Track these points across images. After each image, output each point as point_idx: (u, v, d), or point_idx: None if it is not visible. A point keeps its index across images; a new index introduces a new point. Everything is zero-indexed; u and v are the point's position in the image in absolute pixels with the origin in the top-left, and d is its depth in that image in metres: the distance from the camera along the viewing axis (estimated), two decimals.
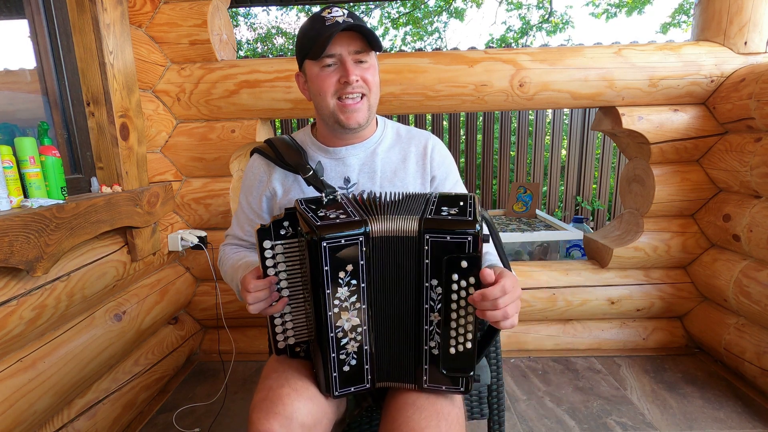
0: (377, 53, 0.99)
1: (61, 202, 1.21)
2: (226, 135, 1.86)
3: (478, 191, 4.62)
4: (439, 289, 0.76)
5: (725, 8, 1.76)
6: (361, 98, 0.96)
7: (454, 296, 0.76)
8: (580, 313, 2.05)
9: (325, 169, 1.04)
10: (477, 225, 0.72)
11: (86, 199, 1.32)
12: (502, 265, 0.90)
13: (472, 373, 0.81)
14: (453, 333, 0.78)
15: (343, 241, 0.73)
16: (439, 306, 0.77)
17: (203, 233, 1.90)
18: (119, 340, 1.50)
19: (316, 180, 0.98)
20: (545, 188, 4.86)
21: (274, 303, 0.85)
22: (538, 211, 3.29)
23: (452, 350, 0.79)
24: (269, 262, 0.83)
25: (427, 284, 0.76)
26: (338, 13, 0.91)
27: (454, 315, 0.77)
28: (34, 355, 1.19)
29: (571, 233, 2.68)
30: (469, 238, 0.72)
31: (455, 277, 0.74)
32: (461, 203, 0.80)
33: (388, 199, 0.85)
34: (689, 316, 2.05)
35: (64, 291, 1.25)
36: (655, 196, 1.89)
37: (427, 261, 0.75)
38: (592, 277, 2.02)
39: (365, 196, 0.89)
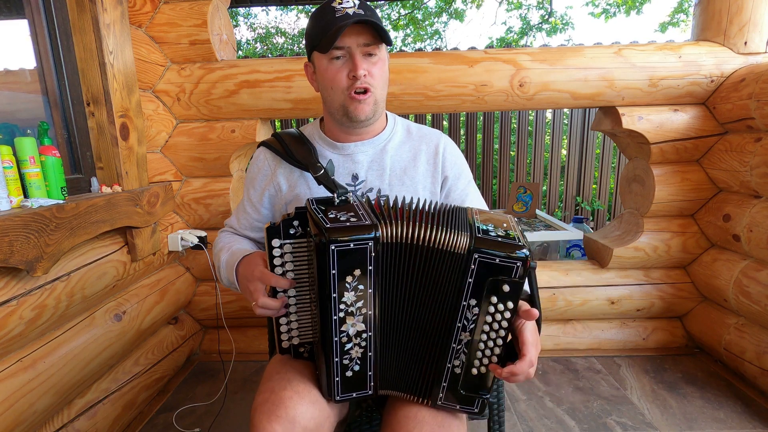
0: (388, 47, 0.97)
1: (61, 202, 1.21)
2: (226, 135, 1.86)
3: None
4: (476, 310, 0.75)
5: (725, 8, 1.76)
6: (366, 92, 0.93)
7: (489, 318, 0.74)
8: (580, 313, 2.05)
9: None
10: (526, 250, 0.71)
11: (86, 199, 1.31)
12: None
13: (488, 396, 0.80)
14: (479, 354, 0.77)
15: (352, 245, 0.71)
16: (472, 326, 0.76)
17: (203, 233, 1.90)
18: (119, 340, 1.50)
19: (327, 179, 0.96)
20: (545, 188, 4.86)
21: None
22: (538, 211, 3.29)
23: (474, 371, 0.78)
24: (277, 261, 0.82)
25: (464, 303, 0.74)
26: (349, 4, 0.88)
27: (484, 337, 0.76)
28: (34, 355, 1.19)
29: (571, 233, 2.68)
30: (518, 264, 0.70)
31: (494, 299, 0.73)
32: (504, 224, 0.78)
33: (417, 207, 0.81)
34: (689, 316, 2.05)
35: (64, 291, 1.25)
36: (655, 196, 1.89)
37: (470, 280, 0.73)
38: (592, 277, 2.02)
39: (382, 200, 0.85)
